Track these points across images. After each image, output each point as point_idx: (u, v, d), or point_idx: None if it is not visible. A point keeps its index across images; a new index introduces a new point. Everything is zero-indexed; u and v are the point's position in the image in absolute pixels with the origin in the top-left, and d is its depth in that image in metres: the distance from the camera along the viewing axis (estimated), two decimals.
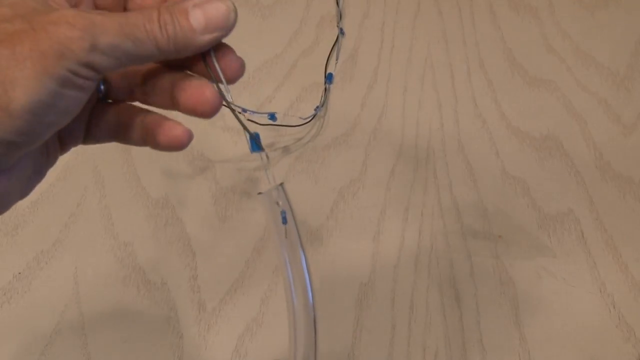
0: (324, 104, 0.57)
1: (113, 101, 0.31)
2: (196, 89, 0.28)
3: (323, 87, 0.57)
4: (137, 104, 0.31)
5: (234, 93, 0.29)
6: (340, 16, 0.61)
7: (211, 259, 0.50)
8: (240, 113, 0.28)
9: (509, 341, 0.45)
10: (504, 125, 0.59)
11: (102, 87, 0.30)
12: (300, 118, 0.56)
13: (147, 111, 0.31)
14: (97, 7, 0.29)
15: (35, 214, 0.52)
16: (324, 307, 0.47)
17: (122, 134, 0.31)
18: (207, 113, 0.28)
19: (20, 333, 0.46)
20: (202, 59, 0.28)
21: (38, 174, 0.28)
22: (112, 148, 0.31)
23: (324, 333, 0.46)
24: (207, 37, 0.27)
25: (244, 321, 0.46)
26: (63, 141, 0.30)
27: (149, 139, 0.30)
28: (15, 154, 0.24)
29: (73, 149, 0.31)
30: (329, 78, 0.59)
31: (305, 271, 0.28)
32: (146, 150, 0.31)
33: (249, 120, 0.51)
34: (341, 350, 0.45)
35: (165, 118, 0.30)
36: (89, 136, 0.31)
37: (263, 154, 0.28)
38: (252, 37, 0.66)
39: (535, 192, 0.54)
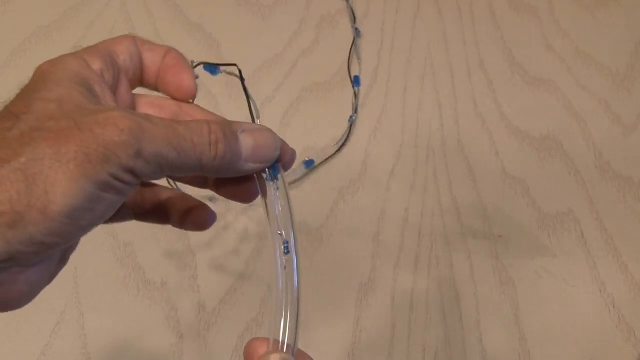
0: (356, 110, 0.58)
1: (143, 185, 0.31)
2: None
3: (352, 92, 0.57)
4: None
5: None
6: (354, 17, 0.61)
7: (211, 259, 0.50)
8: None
9: (509, 341, 0.45)
10: (504, 125, 0.59)
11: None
12: (334, 145, 0.57)
13: (173, 191, 0.32)
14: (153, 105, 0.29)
15: None
16: (324, 307, 0.47)
17: (144, 214, 0.32)
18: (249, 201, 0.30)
19: (20, 333, 0.46)
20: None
21: (62, 262, 0.28)
22: None
23: (324, 333, 0.46)
24: (250, 167, 0.26)
25: (244, 321, 0.46)
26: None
27: (174, 220, 0.31)
28: (46, 252, 0.23)
29: None
30: (356, 82, 0.59)
31: (294, 255, 0.28)
32: None
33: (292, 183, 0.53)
34: (341, 350, 0.45)
35: (194, 201, 0.32)
36: (112, 218, 0.31)
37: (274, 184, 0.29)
38: (252, 37, 0.66)
39: (535, 192, 0.54)
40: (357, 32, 0.56)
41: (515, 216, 0.52)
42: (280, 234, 0.28)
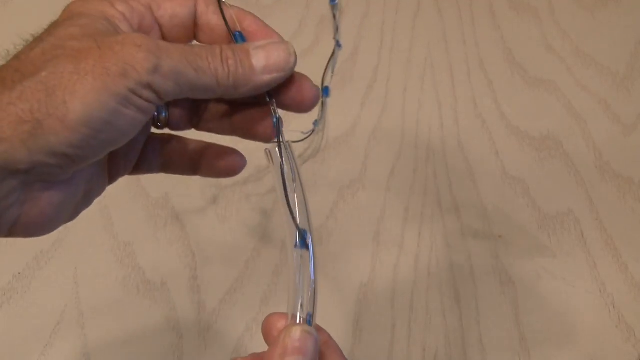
0: (322, 117, 0.57)
1: (171, 130, 0.31)
2: (262, 119, 0.30)
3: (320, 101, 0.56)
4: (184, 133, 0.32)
5: None
6: (337, 28, 0.61)
7: (211, 259, 0.50)
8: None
9: (509, 341, 0.45)
10: (504, 125, 0.59)
11: (164, 114, 0.30)
12: (302, 132, 0.56)
13: (200, 142, 0.32)
14: (164, 39, 0.29)
15: None
16: (324, 307, 0.47)
17: (172, 164, 0.32)
18: (270, 137, 0.30)
19: (20, 333, 0.46)
20: (266, 97, 0.29)
21: (87, 199, 0.28)
22: None
23: None
24: (266, 78, 0.27)
25: (244, 321, 0.46)
26: (114, 169, 0.30)
27: (205, 168, 0.32)
28: (69, 167, 0.24)
29: None
30: (325, 91, 0.58)
31: (309, 233, 0.29)
32: None
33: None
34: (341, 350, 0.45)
35: (224, 147, 0.32)
36: (140, 166, 0.31)
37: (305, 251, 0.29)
38: None
39: (535, 192, 0.54)
40: (337, 44, 0.56)
41: (515, 216, 0.52)
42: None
